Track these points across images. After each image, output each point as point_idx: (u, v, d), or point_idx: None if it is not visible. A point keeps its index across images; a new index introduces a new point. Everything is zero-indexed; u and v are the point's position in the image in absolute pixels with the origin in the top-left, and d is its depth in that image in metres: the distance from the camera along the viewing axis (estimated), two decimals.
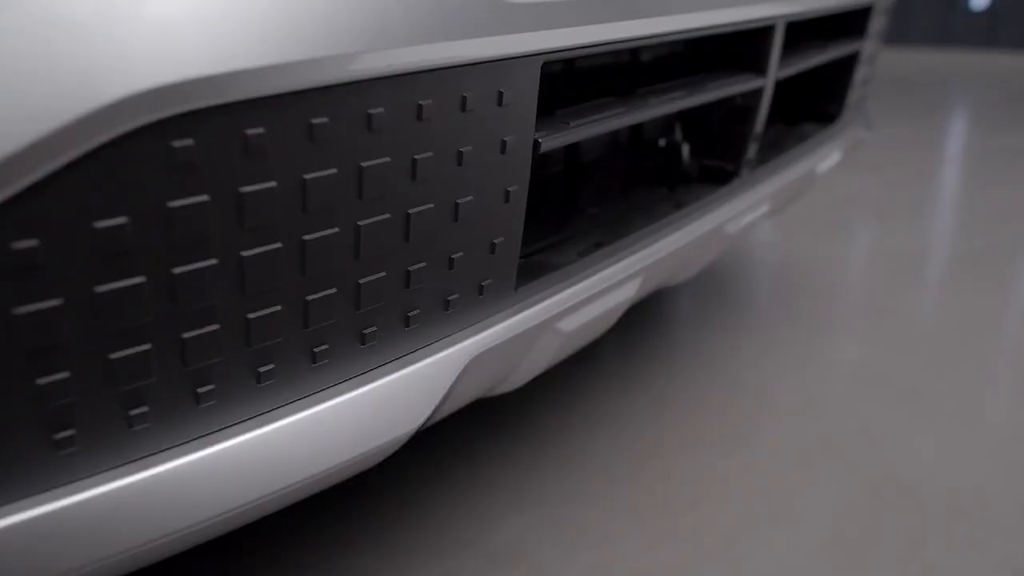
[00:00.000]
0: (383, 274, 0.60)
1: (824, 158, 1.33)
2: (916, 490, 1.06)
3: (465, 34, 0.57)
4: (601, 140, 1.13)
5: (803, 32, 1.39)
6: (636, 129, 1.18)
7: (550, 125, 0.71)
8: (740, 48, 1.01)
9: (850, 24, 1.39)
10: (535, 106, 0.66)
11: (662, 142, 1.09)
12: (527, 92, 0.65)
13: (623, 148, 1.17)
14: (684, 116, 1.11)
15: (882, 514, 1.02)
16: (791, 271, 1.80)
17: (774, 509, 1.03)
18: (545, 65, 0.94)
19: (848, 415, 1.23)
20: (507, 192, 0.67)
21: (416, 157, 0.58)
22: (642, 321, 1.54)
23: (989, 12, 4.80)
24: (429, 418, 0.68)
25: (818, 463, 1.11)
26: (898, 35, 4.97)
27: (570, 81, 0.95)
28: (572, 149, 1.07)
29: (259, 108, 0.50)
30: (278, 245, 0.53)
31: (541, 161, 1.02)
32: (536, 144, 0.68)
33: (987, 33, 4.80)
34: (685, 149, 1.07)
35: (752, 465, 1.11)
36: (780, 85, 1.42)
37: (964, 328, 1.54)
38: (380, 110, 0.54)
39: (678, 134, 1.07)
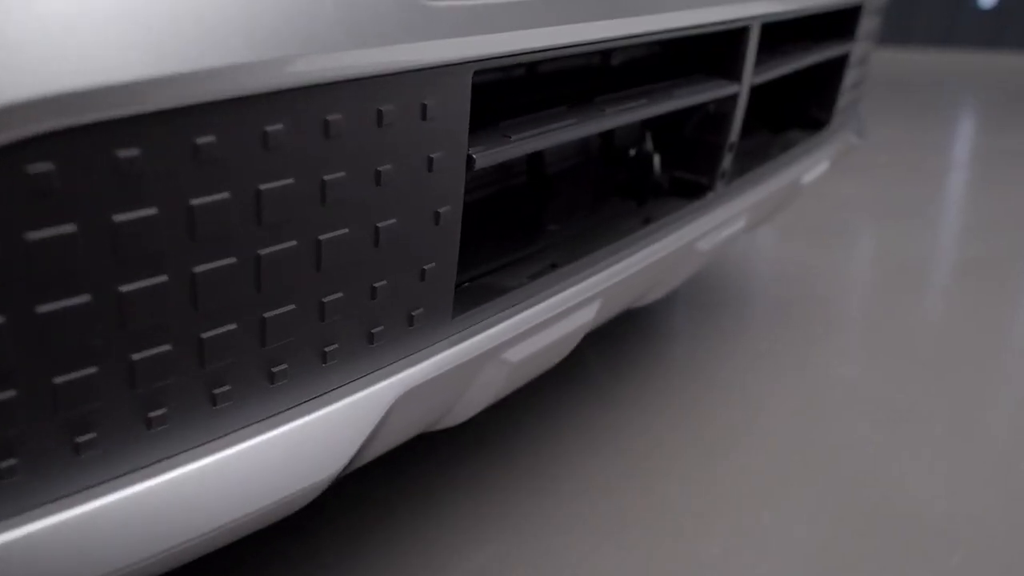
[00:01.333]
0: (291, 307, 0.55)
1: (810, 167, 1.28)
2: (912, 512, 1.02)
3: (376, 42, 0.52)
4: (569, 149, 1.09)
5: (789, 33, 1.34)
6: (607, 138, 1.13)
7: (489, 139, 0.67)
8: (712, 52, 0.96)
9: (839, 25, 1.35)
10: (467, 119, 0.61)
11: (632, 152, 1.04)
12: (456, 104, 0.60)
13: (593, 158, 1.12)
14: (655, 125, 1.06)
15: (876, 528, 1.00)
16: (786, 278, 1.75)
17: (763, 532, 1.00)
18: (502, 71, 0.89)
19: (841, 431, 1.18)
20: (437, 214, 0.62)
21: (325, 178, 0.53)
22: (631, 329, 1.49)
23: (997, 10, 4.75)
24: (351, 462, 0.63)
25: (811, 477, 1.07)
26: (901, 34, 4.92)
27: (528, 88, 0.90)
28: (535, 159, 1.03)
29: (133, 127, 0.45)
30: (163, 278, 0.49)
31: (498, 174, 0.98)
32: (470, 160, 0.63)
33: (994, 32, 4.76)
34: (656, 160, 1.02)
35: (746, 475, 1.09)
36: (764, 90, 1.37)
37: (964, 340, 1.49)
38: (278, 127, 0.50)
39: (648, 144, 1.02)
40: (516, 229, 0.90)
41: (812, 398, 1.28)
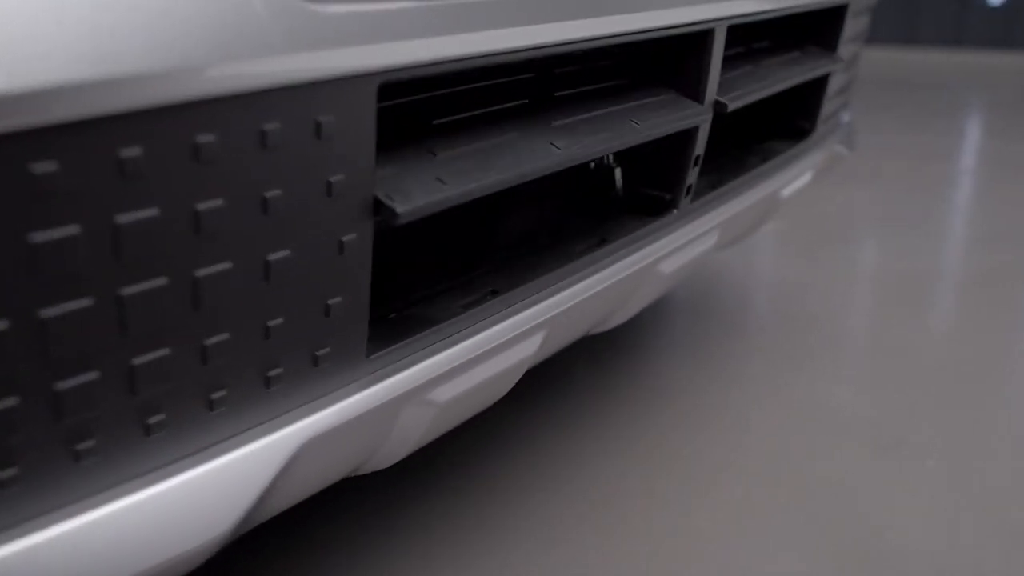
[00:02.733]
0: (165, 352, 0.51)
1: (791, 180, 1.24)
2: (898, 553, 0.97)
3: (252, 53, 0.48)
4: None
5: (769, 33, 1.30)
6: None
7: (412, 181, 0.62)
8: (672, 59, 0.92)
9: (822, 26, 1.31)
10: (373, 137, 0.57)
11: (592, 164, 1.00)
12: (359, 120, 0.55)
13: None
14: None
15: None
16: (780, 290, 1.71)
17: (763, 533, 1.02)
18: (431, 82, 0.85)
19: (823, 463, 1.14)
20: (340, 243, 0.58)
21: (198, 208, 0.49)
22: (622, 336, 1.45)
23: (1006, 8, 4.72)
24: (245, 519, 0.58)
25: (790, 521, 1.02)
26: (906, 34, 4.89)
27: (457, 103, 0.86)
28: None
29: None
30: (5, 325, 0.44)
31: None
32: (391, 212, 0.58)
33: (1003, 32, 4.72)
34: (618, 174, 0.98)
35: (746, 477, 1.12)
36: None
37: (966, 361, 1.45)
38: (135, 152, 0.45)
39: (610, 156, 0.98)
40: (457, 251, 0.86)
41: (803, 408, 1.25)
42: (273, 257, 0.54)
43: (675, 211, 0.96)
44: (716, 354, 1.46)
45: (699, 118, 0.89)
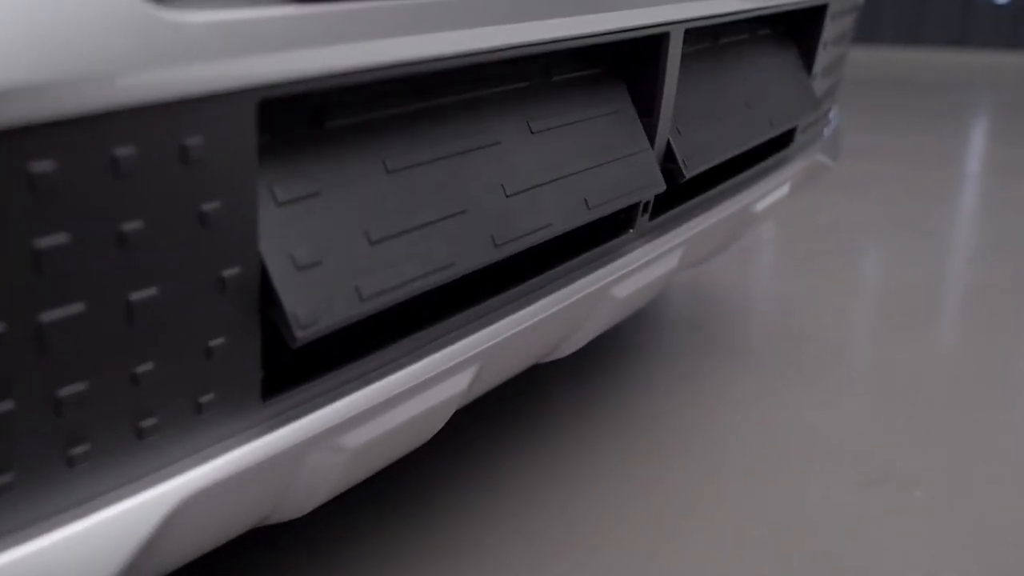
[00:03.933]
0: (9, 405, 0.47)
1: (766, 192, 1.20)
2: None
3: (92, 70, 0.44)
4: None
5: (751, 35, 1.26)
6: None
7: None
8: (622, 68, 0.88)
9: (800, 27, 1.27)
10: (255, 159, 0.53)
11: None
12: (236, 142, 0.51)
13: None
14: None
15: None
16: (769, 306, 1.66)
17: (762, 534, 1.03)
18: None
19: (813, 484, 1.09)
20: (221, 279, 0.53)
21: (36, 245, 0.45)
22: (614, 341, 1.41)
23: (1013, 7, 4.68)
24: None
25: (770, 552, 0.98)
26: (910, 34, 4.86)
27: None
28: None
29: None
30: None
31: None
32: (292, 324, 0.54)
33: (1010, 31, 4.69)
34: None
35: (749, 476, 1.13)
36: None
37: (961, 386, 1.40)
38: None
39: None
40: None
41: (792, 426, 1.21)
42: (136, 296, 0.50)
43: (631, 231, 0.92)
44: (715, 358, 1.42)
45: (652, 189, 0.87)
